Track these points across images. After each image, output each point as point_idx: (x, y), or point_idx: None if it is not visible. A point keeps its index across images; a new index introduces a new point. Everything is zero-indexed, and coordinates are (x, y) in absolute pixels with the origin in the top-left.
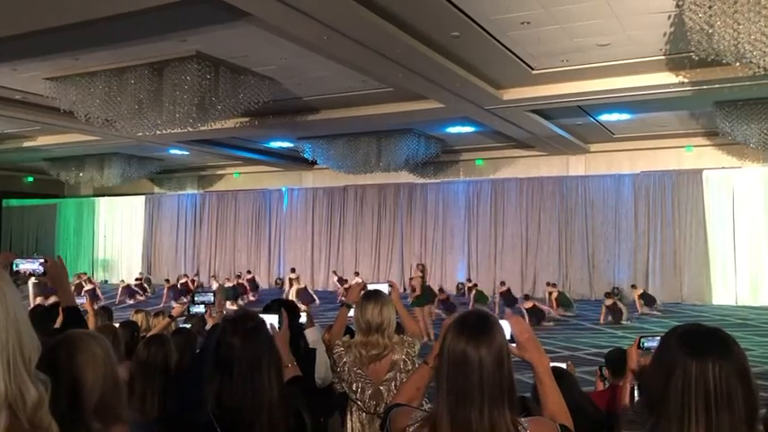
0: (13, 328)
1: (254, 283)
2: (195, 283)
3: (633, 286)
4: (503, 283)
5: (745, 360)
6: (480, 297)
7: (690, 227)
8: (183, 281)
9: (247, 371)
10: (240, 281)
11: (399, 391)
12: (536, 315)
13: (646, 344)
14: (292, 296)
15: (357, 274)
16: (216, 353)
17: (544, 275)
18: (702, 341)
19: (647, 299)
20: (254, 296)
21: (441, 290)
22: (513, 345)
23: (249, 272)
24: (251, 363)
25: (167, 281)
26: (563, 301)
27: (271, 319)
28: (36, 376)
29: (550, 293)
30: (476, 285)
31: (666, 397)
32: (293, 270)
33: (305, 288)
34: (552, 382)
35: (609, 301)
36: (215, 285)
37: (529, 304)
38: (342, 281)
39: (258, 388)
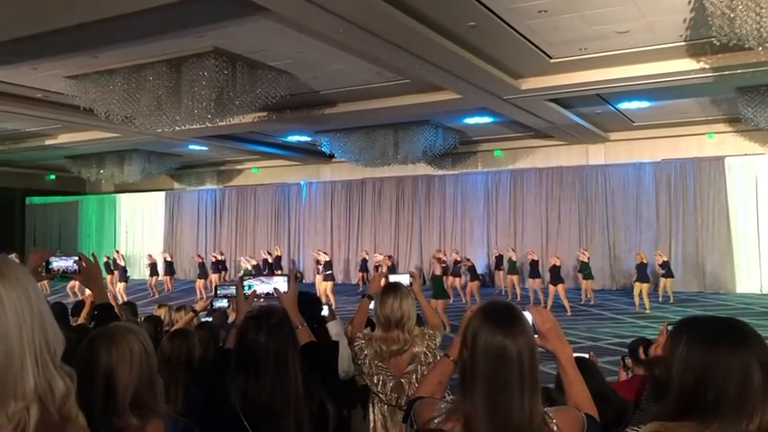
0: (38, 321)
1: (279, 262)
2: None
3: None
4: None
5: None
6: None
7: (712, 215)
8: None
9: (274, 368)
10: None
11: (421, 384)
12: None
13: None
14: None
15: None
16: (240, 350)
17: (565, 266)
18: (729, 335)
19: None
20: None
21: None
22: (536, 335)
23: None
24: (277, 359)
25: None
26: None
27: (279, 282)
28: (62, 368)
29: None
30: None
31: (703, 396)
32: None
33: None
34: (575, 372)
35: None
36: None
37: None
38: (364, 266)
39: (285, 384)
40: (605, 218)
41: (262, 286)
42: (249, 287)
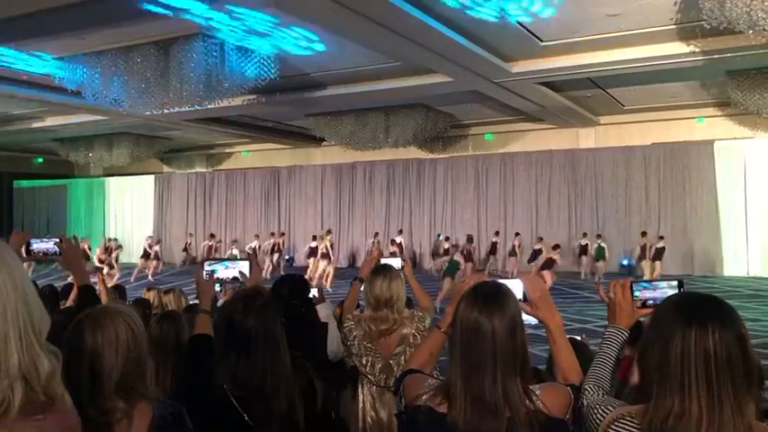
0: (22, 300)
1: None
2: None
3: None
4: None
5: (743, 325)
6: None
7: (701, 198)
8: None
9: (265, 348)
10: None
11: (412, 355)
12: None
13: (636, 292)
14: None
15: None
16: (228, 332)
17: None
18: (700, 308)
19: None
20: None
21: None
22: (526, 303)
23: (283, 233)
24: (268, 340)
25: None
26: None
27: (243, 266)
28: (47, 348)
29: None
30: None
31: (666, 367)
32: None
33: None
34: (564, 340)
35: None
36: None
37: None
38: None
39: (277, 363)
40: (595, 202)
41: (226, 271)
42: (213, 272)
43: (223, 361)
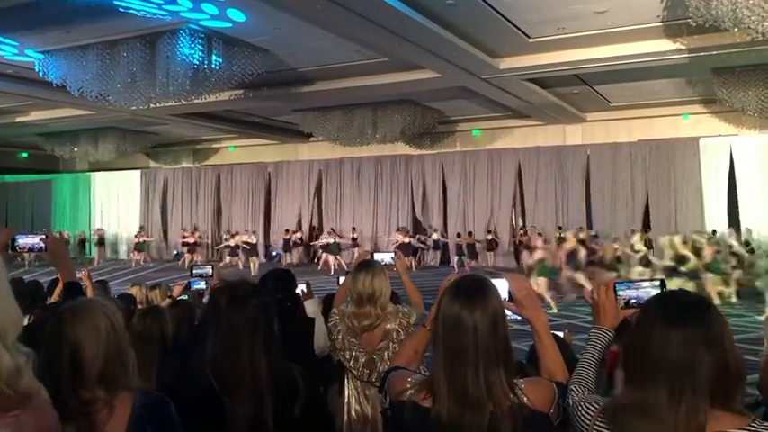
0: None
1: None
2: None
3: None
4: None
5: (719, 327)
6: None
7: (686, 195)
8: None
9: (228, 339)
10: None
11: (398, 353)
12: None
13: (619, 292)
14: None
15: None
16: (203, 317)
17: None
18: (677, 309)
19: None
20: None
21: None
22: (511, 302)
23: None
24: (231, 331)
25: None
26: None
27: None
28: (15, 347)
29: None
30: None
31: (638, 364)
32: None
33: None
34: (550, 339)
35: None
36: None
37: None
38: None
39: (235, 355)
40: (581, 198)
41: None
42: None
43: (202, 344)
